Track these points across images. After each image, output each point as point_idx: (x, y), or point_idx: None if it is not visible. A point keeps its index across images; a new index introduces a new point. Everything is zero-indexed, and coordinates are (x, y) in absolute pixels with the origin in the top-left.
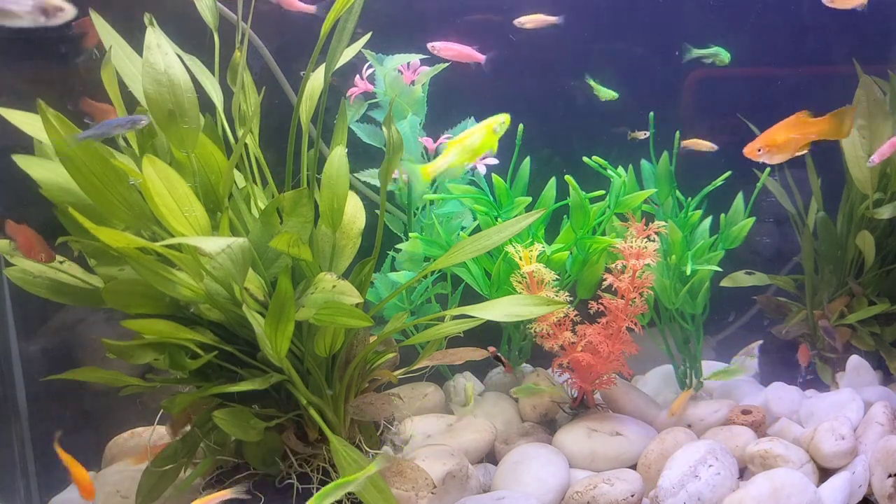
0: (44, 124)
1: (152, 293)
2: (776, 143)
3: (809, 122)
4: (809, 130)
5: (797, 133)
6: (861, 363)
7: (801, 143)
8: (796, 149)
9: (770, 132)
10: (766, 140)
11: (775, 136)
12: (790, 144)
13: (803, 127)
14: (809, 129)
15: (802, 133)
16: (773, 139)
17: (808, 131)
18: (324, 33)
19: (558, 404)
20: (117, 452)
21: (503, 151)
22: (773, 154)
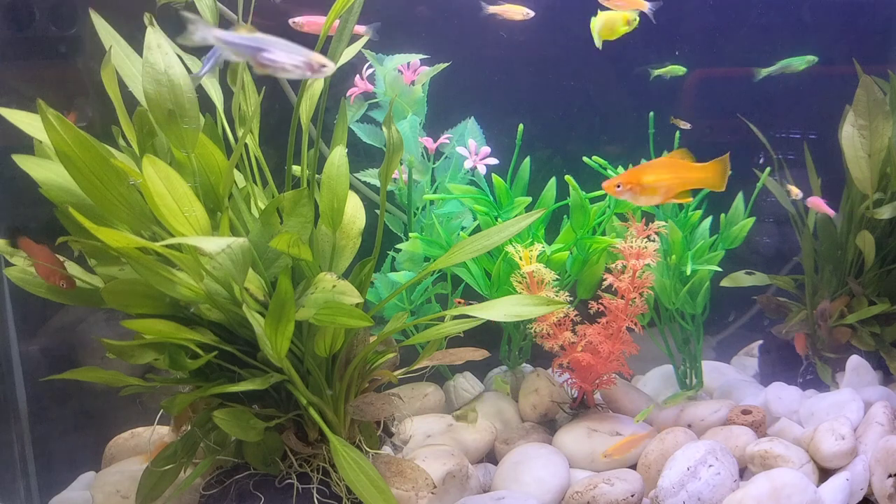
0: (44, 124)
1: (152, 293)
2: (641, 183)
3: (684, 167)
4: (683, 175)
5: (669, 175)
6: (861, 363)
7: (675, 188)
8: (668, 195)
9: (637, 169)
10: (630, 178)
11: (642, 175)
12: (659, 188)
13: (677, 170)
14: (683, 173)
15: (676, 176)
16: (638, 178)
17: (681, 176)
18: (324, 33)
19: (558, 404)
20: (117, 452)
21: (503, 151)
22: (636, 195)
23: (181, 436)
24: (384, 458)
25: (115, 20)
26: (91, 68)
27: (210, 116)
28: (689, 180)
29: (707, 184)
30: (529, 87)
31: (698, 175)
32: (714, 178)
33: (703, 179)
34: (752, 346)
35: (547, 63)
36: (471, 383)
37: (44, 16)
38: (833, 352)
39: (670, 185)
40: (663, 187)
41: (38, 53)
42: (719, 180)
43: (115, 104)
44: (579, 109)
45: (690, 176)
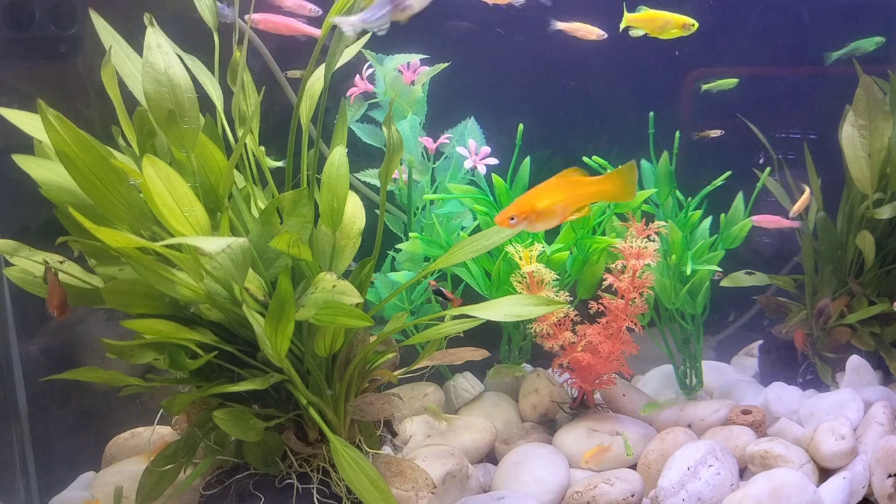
0: (44, 124)
1: (152, 293)
2: (536, 210)
3: (579, 183)
4: (580, 192)
5: (563, 195)
6: (861, 363)
7: (571, 208)
8: (565, 215)
9: (528, 196)
10: (523, 207)
11: (535, 201)
12: (555, 211)
13: (571, 189)
14: (578, 190)
15: (571, 195)
16: (531, 205)
17: (577, 193)
18: (324, 33)
19: (558, 404)
20: (117, 452)
21: (503, 151)
22: (533, 223)
23: (180, 431)
24: (384, 458)
25: (115, 20)
26: (91, 68)
27: (210, 116)
28: (586, 196)
29: (610, 196)
30: (529, 87)
31: (596, 189)
32: (617, 189)
33: (603, 192)
34: (752, 346)
35: (547, 63)
36: (471, 383)
37: (44, 16)
38: (833, 352)
39: (566, 206)
40: (559, 209)
41: (38, 53)
42: (625, 190)
43: (115, 104)
44: (579, 109)
45: (587, 191)
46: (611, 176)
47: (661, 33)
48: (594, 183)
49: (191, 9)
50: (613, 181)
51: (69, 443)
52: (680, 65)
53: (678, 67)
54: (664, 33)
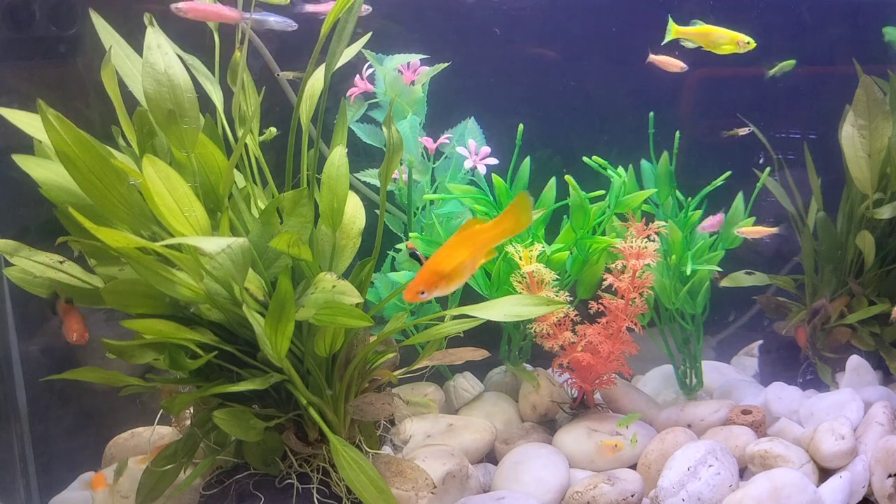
0: (44, 124)
1: (152, 293)
2: (442, 276)
3: (479, 233)
4: (481, 242)
5: (467, 251)
6: (861, 363)
7: (477, 259)
8: (474, 267)
9: (433, 263)
10: (429, 278)
11: (439, 267)
12: (463, 269)
13: (473, 241)
14: (480, 239)
15: (474, 249)
16: (436, 273)
17: (479, 243)
18: (324, 33)
19: (558, 404)
20: (117, 452)
21: (503, 151)
22: (444, 288)
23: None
24: (384, 458)
25: (115, 20)
26: (91, 68)
27: (210, 116)
28: (488, 242)
29: (510, 232)
30: (529, 87)
31: (495, 232)
32: (514, 223)
33: (503, 231)
34: (752, 346)
35: (547, 63)
36: (471, 383)
37: (44, 16)
38: (833, 352)
39: (472, 260)
40: (466, 266)
41: (38, 53)
42: (521, 221)
43: (115, 104)
44: (579, 109)
45: (487, 237)
46: (506, 213)
47: (715, 48)
48: (492, 227)
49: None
50: (509, 217)
51: (69, 443)
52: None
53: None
54: (717, 48)
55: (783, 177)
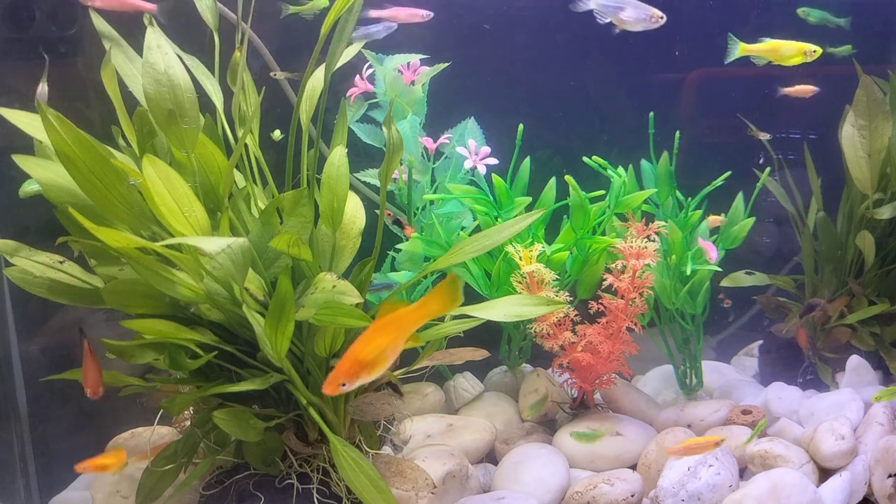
0: (44, 124)
1: (152, 293)
2: (363, 365)
3: (402, 316)
4: (405, 325)
5: (388, 337)
6: (861, 363)
7: (400, 344)
8: (397, 352)
9: (352, 352)
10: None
11: (359, 355)
12: (385, 355)
13: (396, 325)
14: (404, 322)
15: (396, 333)
16: (357, 362)
17: (403, 327)
18: (324, 33)
19: (558, 404)
20: None
21: (503, 151)
22: (366, 377)
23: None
24: (384, 458)
25: (115, 20)
26: (91, 68)
27: (210, 116)
28: (412, 324)
29: (437, 312)
30: (529, 87)
31: (420, 314)
32: (442, 304)
33: (429, 312)
34: (752, 346)
35: (547, 63)
36: (471, 383)
37: (44, 16)
38: (833, 352)
39: (394, 345)
40: (389, 352)
41: (38, 53)
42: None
43: (115, 104)
44: (579, 109)
45: (411, 320)
46: (433, 295)
47: (783, 61)
48: (416, 310)
49: (191, 9)
50: (436, 299)
51: (69, 443)
52: (680, 65)
53: (678, 67)
54: (786, 61)
55: (783, 177)
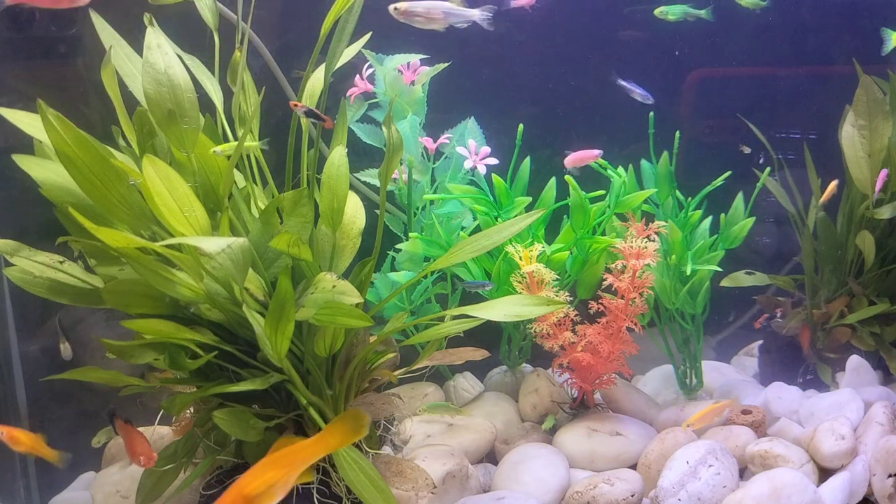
0: (44, 124)
1: (152, 293)
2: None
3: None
4: (300, 459)
5: (279, 471)
6: (861, 363)
7: (293, 478)
8: (288, 486)
9: (239, 485)
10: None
11: (245, 489)
12: (273, 490)
13: (290, 459)
14: (299, 457)
15: (289, 467)
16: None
17: (297, 461)
18: (324, 33)
19: (558, 404)
20: (117, 452)
21: (503, 151)
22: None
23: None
24: (384, 458)
25: (115, 20)
26: (91, 68)
27: (210, 116)
28: (308, 458)
29: (335, 446)
30: (529, 87)
31: (317, 448)
32: (339, 441)
33: (326, 446)
34: (752, 346)
35: (547, 63)
36: (471, 383)
37: (44, 16)
38: (833, 352)
39: (286, 480)
40: (278, 487)
41: (39, 53)
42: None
43: (115, 104)
44: (579, 109)
45: (307, 455)
46: (333, 427)
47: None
48: (313, 444)
49: (191, 9)
50: (336, 432)
51: (69, 443)
52: (680, 65)
53: (678, 67)
54: None
55: (783, 177)
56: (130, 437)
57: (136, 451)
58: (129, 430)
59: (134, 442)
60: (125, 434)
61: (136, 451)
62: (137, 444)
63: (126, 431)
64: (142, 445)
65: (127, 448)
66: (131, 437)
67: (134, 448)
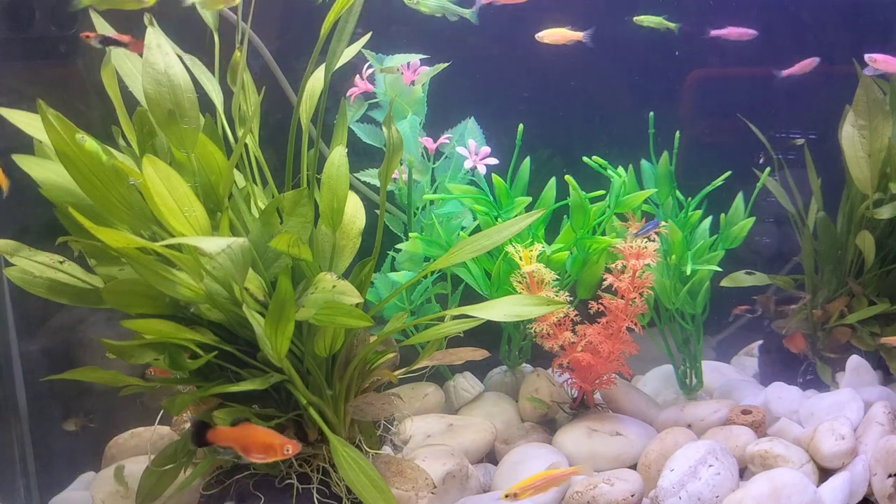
0: (44, 124)
1: (152, 293)
2: None
3: None
4: None
5: None
6: (861, 363)
7: None
8: None
9: None
10: None
11: None
12: None
13: None
14: None
15: None
16: None
17: None
18: (324, 33)
19: (558, 404)
20: (117, 452)
21: (503, 151)
22: None
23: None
24: (384, 458)
25: (115, 20)
26: (91, 68)
27: (210, 116)
28: None
29: None
30: (529, 87)
31: None
32: None
33: None
34: (752, 346)
35: (547, 63)
36: (471, 383)
37: (44, 16)
38: (833, 352)
39: None
40: None
41: (38, 53)
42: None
43: (115, 104)
44: (579, 109)
45: None
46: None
47: None
48: None
49: (191, 9)
50: None
51: (69, 443)
52: (680, 65)
53: (678, 67)
54: None
55: (783, 177)
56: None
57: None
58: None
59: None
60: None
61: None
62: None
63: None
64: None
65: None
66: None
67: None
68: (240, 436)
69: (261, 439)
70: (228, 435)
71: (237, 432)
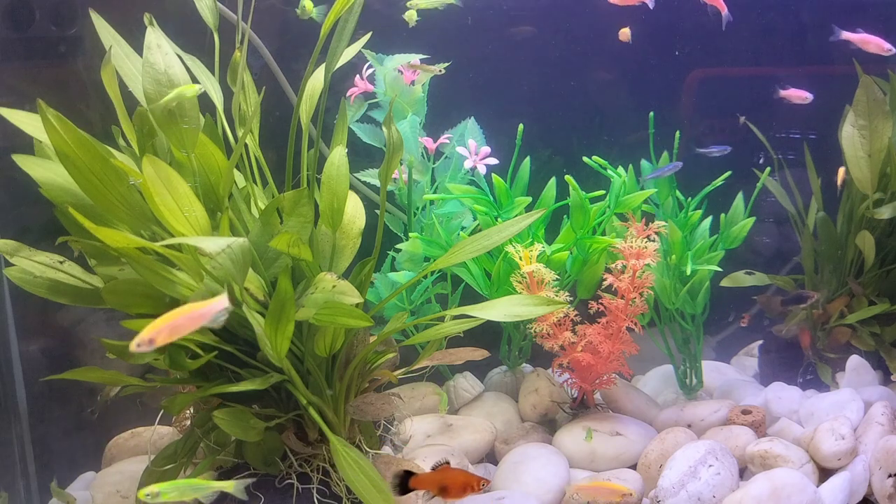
0: (44, 124)
1: (152, 293)
2: None
3: None
4: None
5: None
6: (861, 363)
7: None
8: None
9: None
10: None
11: None
12: None
13: None
14: None
15: None
16: None
17: None
18: (324, 33)
19: (558, 404)
20: (117, 452)
21: (503, 151)
22: None
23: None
24: (384, 458)
25: (115, 20)
26: (91, 68)
27: (210, 116)
28: None
29: None
30: (529, 87)
31: None
32: None
33: None
34: (752, 346)
35: (547, 63)
36: (471, 383)
37: (44, 16)
38: (833, 352)
39: None
40: None
41: (38, 53)
42: None
43: (115, 104)
44: (579, 109)
45: None
46: None
47: None
48: None
49: (191, 9)
50: None
51: (69, 443)
52: (680, 65)
53: (678, 67)
54: None
55: (783, 177)
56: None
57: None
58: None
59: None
60: None
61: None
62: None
63: None
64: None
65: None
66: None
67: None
68: (441, 479)
69: (460, 480)
70: (431, 480)
71: (438, 476)
